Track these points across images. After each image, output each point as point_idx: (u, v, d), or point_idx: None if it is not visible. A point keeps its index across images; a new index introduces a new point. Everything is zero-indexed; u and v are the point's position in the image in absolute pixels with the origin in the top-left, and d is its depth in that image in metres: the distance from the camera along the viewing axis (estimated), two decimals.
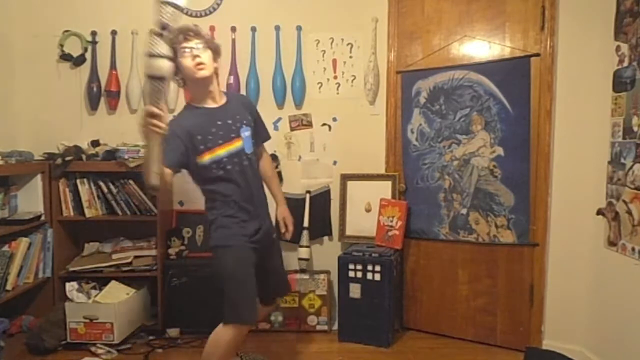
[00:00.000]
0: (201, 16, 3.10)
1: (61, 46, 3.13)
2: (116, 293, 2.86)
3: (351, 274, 2.90)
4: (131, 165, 2.89)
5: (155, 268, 2.96)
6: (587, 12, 2.50)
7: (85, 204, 2.99)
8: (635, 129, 2.18)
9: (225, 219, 2.09)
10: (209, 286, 2.78)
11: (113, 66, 3.14)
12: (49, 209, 2.95)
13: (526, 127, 2.68)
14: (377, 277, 2.85)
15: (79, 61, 3.14)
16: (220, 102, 2.14)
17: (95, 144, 3.08)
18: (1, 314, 2.61)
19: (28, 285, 2.81)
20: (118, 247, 3.06)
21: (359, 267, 2.89)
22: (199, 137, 2.02)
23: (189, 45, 2.00)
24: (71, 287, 2.84)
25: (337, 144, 3.18)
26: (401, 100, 3.08)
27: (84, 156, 3.00)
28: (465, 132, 2.86)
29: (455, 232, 2.93)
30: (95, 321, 2.72)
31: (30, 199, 2.93)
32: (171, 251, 3.02)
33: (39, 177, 2.93)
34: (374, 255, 2.88)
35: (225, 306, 2.04)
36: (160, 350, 2.80)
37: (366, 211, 3.13)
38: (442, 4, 2.92)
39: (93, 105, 3.17)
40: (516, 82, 2.70)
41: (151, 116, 1.64)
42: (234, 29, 3.13)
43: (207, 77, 2.05)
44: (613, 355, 2.35)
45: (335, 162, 3.20)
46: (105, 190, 3.01)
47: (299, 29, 3.13)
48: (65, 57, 3.14)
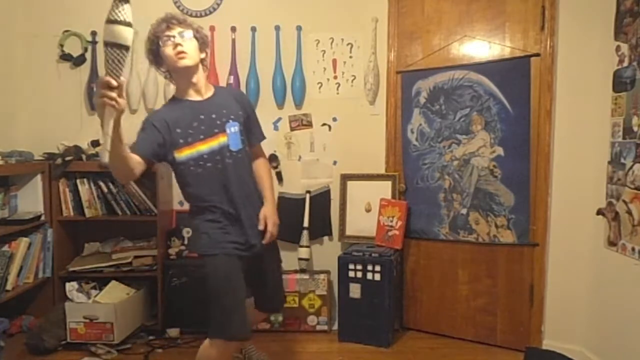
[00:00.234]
0: (201, 16, 3.10)
1: (61, 46, 3.13)
2: (116, 293, 2.86)
3: (351, 274, 2.90)
4: None
5: (155, 268, 2.96)
6: (587, 12, 2.50)
7: (85, 204, 2.99)
8: (635, 129, 2.18)
9: (206, 224, 1.98)
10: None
11: None
12: (49, 209, 2.95)
13: (526, 127, 2.68)
14: (377, 277, 2.85)
15: (79, 61, 3.14)
16: (205, 95, 2.02)
17: (95, 144, 3.08)
18: (1, 314, 2.60)
19: (28, 285, 2.81)
20: (118, 247, 3.06)
21: (359, 267, 2.89)
22: (178, 131, 1.92)
23: (171, 33, 1.91)
24: (71, 287, 2.84)
25: (337, 144, 3.18)
26: (401, 100, 3.08)
27: (84, 156, 2.99)
28: (465, 132, 2.86)
29: (455, 232, 2.93)
30: (95, 321, 2.72)
31: (30, 199, 2.93)
32: (171, 251, 3.02)
33: (39, 177, 2.93)
34: (374, 255, 2.88)
35: (211, 320, 1.94)
36: (160, 350, 2.80)
37: (366, 211, 3.13)
38: (442, 4, 2.92)
39: (93, 105, 3.16)
40: (516, 82, 2.70)
41: (107, 87, 1.48)
42: (234, 29, 3.13)
43: (188, 66, 1.94)
44: (613, 355, 2.35)
45: (335, 162, 3.19)
46: (105, 190, 3.01)
47: (299, 29, 3.13)
48: (65, 57, 3.14)
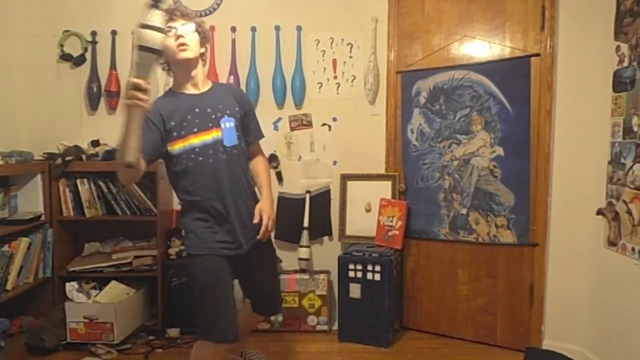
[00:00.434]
0: (201, 16, 3.09)
1: (61, 46, 3.13)
2: (116, 293, 2.87)
3: (351, 274, 2.90)
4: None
5: (155, 268, 2.96)
6: (587, 12, 2.50)
7: (85, 204, 2.99)
8: (635, 129, 2.18)
9: (194, 222, 1.96)
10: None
11: (113, 66, 3.14)
12: (49, 209, 2.95)
13: (526, 127, 2.68)
14: (377, 277, 2.85)
15: (79, 61, 3.14)
16: (202, 89, 2.01)
17: (95, 144, 3.08)
18: (1, 314, 2.60)
19: (28, 285, 2.81)
20: (118, 247, 3.06)
21: (359, 267, 2.89)
22: (172, 123, 1.91)
23: (173, 24, 1.90)
24: (71, 287, 2.84)
25: (337, 144, 3.18)
26: (401, 100, 3.08)
27: (84, 156, 2.99)
28: (465, 132, 2.86)
29: (455, 232, 2.93)
30: (95, 321, 2.72)
31: (30, 199, 2.93)
32: (171, 251, 3.02)
33: (39, 177, 2.93)
34: (374, 255, 2.88)
35: (199, 321, 1.93)
36: (160, 350, 2.80)
37: (366, 211, 3.13)
38: (442, 4, 2.92)
39: (93, 105, 3.17)
40: (516, 82, 2.70)
41: (137, 89, 1.57)
42: (234, 29, 3.13)
43: (189, 59, 1.94)
44: (613, 355, 2.35)
45: (335, 162, 3.19)
46: (105, 190, 3.01)
47: (299, 29, 3.13)
48: (65, 57, 3.14)
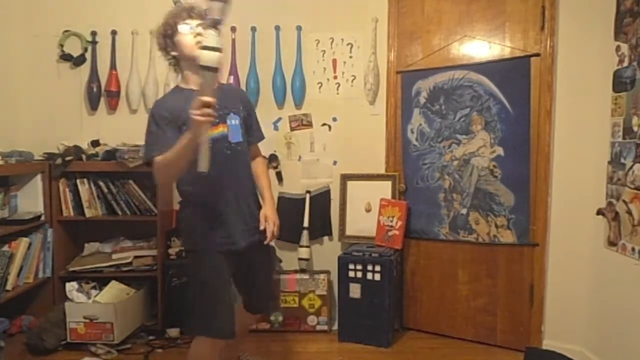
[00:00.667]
0: None
1: (61, 46, 3.13)
2: (116, 293, 2.86)
3: (351, 274, 2.90)
4: (131, 165, 2.88)
5: (155, 268, 2.96)
6: (587, 12, 2.50)
7: (85, 204, 2.99)
8: (635, 129, 2.18)
9: (194, 217, 1.98)
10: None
11: (113, 66, 3.15)
12: (49, 209, 2.95)
13: (526, 127, 2.68)
14: (377, 277, 2.85)
15: (79, 61, 3.14)
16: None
17: (95, 144, 3.08)
18: (1, 314, 2.60)
19: (28, 285, 2.81)
20: (118, 247, 3.05)
21: (359, 267, 2.89)
22: (183, 118, 1.87)
23: (192, 23, 1.94)
24: (71, 287, 2.84)
25: (337, 144, 3.18)
26: (401, 100, 3.08)
27: (84, 156, 3.00)
28: (465, 132, 2.86)
29: (455, 232, 2.93)
30: (95, 321, 2.72)
31: (30, 199, 2.93)
32: (171, 251, 3.02)
33: (39, 177, 2.93)
34: (374, 255, 2.88)
35: (196, 317, 1.95)
36: (160, 350, 2.80)
37: (366, 211, 3.13)
38: (442, 4, 2.92)
39: (93, 105, 3.17)
40: (516, 82, 2.70)
41: (208, 106, 1.65)
42: (234, 29, 3.13)
43: None
44: (613, 355, 2.35)
45: (335, 162, 3.19)
46: (105, 190, 3.01)
47: (299, 29, 3.13)
48: (65, 57, 3.14)
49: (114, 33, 3.15)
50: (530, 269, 2.73)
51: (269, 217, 2.08)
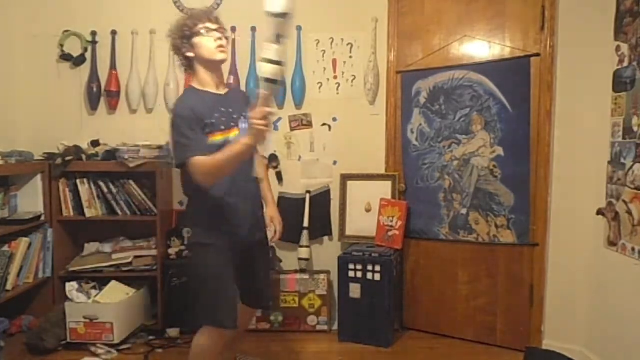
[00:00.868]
0: None
1: (61, 46, 3.13)
2: (116, 293, 2.86)
3: (351, 274, 2.90)
4: (131, 165, 2.88)
5: (155, 268, 2.96)
6: (587, 12, 2.50)
7: (85, 204, 2.98)
8: (635, 129, 2.18)
9: (205, 213, 2.04)
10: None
11: (113, 66, 3.14)
12: (49, 209, 2.95)
13: (526, 127, 2.68)
14: (377, 277, 2.85)
15: (79, 61, 3.14)
16: (222, 91, 2.10)
17: (95, 144, 3.08)
18: (1, 314, 2.60)
19: (28, 285, 2.81)
20: (118, 247, 3.05)
21: (359, 267, 2.89)
22: (204, 121, 1.98)
23: (212, 26, 2.01)
24: (71, 287, 2.84)
25: (337, 144, 3.18)
26: (401, 100, 3.08)
27: (84, 156, 2.99)
28: (465, 132, 2.86)
29: (455, 232, 2.93)
30: (95, 321, 2.72)
31: (30, 199, 2.93)
32: (171, 251, 3.02)
33: (39, 177, 2.93)
34: (374, 255, 2.88)
35: (204, 309, 2.00)
36: (160, 350, 2.80)
37: (366, 211, 3.13)
38: (442, 4, 2.92)
39: (93, 105, 3.17)
40: (516, 82, 2.70)
41: (269, 116, 1.74)
42: (234, 29, 3.12)
43: (223, 60, 2.07)
44: (613, 355, 2.35)
45: (335, 162, 3.19)
46: (105, 190, 3.01)
47: (299, 29, 3.13)
48: (65, 57, 3.14)
49: (114, 33, 3.15)
50: (530, 269, 2.73)
51: (274, 219, 2.28)
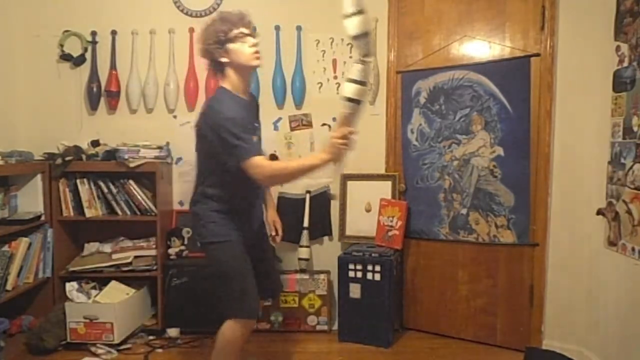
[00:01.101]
0: (201, 16, 3.09)
1: (61, 46, 3.13)
2: (116, 293, 2.86)
3: (351, 274, 2.90)
4: (131, 165, 2.88)
5: (155, 268, 2.96)
6: (587, 12, 2.50)
7: (85, 204, 2.98)
8: (635, 129, 2.18)
9: (215, 213, 2.09)
10: (209, 286, 2.77)
11: (113, 66, 3.14)
12: (49, 209, 2.95)
13: (526, 127, 2.68)
14: (377, 277, 2.85)
15: (79, 61, 3.14)
16: (247, 97, 2.13)
17: (95, 144, 3.08)
18: (1, 314, 2.60)
19: (28, 285, 2.81)
20: (118, 247, 3.05)
21: (359, 267, 2.89)
22: (248, 125, 2.02)
23: (246, 31, 2.02)
24: (71, 287, 2.84)
25: None
26: (401, 100, 3.08)
27: (84, 156, 2.99)
28: (465, 132, 2.86)
29: (455, 232, 2.93)
30: (95, 321, 2.72)
31: (30, 199, 2.93)
32: (171, 251, 3.02)
33: (39, 177, 2.93)
34: (374, 255, 2.88)
35: (230, 302, 2.06)
36: (160, 350, 2.80)
37: (366, 211, 3.13)
38: (442, 4, 2.92)
39: (93, 105, 3.17)
40: (516, 82, 2.70)
41: (350, 136, 1.83)
42: None
43: (257, 67, 2.11)
44: (613, 355, 2.35)
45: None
46: (105, 190, 3.01)
47: (299, 29, 3.13)
48: (65, 57, 3.14)
49: (114, 33, 3.15)
50: (530, 269, 2.73)
51: (277, 222, 2.42)
